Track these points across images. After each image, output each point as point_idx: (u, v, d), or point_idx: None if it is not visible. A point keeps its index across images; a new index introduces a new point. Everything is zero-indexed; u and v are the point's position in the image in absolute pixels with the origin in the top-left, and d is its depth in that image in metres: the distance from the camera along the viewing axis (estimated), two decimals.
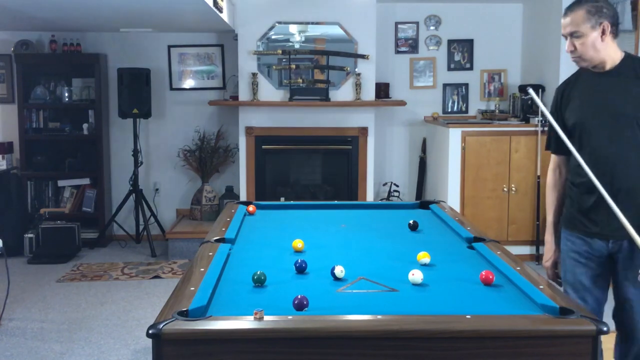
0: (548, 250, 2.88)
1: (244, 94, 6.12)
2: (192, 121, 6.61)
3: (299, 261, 2.55)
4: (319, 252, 2.85)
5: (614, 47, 2.53)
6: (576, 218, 2.69)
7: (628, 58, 2.55)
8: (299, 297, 2.07)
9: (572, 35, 2.55)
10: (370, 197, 6.25)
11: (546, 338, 1.89)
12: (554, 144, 2.79)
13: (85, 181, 6.48)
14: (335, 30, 6.14)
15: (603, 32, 2.48)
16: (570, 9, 2.55)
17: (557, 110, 2.71)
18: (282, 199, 6.04)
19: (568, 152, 2.53)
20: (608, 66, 2.54)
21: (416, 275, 2.37)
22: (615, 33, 2.51)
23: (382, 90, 6.34)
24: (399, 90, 6.53)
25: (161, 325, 1.87)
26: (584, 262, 2.68)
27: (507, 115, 6.28)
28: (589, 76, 2.62)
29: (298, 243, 2.87)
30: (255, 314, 1.93)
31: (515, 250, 5.30)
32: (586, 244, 2.66)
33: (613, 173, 2.52)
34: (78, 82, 6.47)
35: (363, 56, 6.06)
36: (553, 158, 2.83)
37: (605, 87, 2.55)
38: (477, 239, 2.96)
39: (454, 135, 5.74)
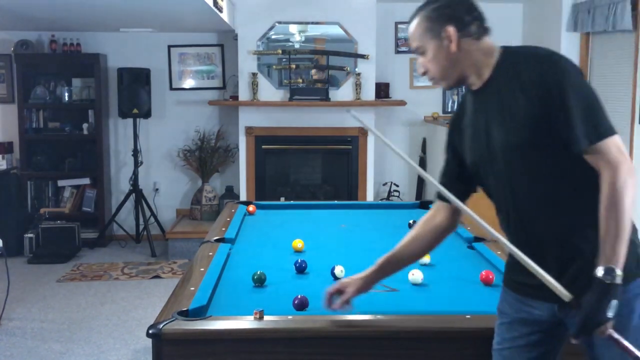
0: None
1: (243, 94, 6.12)
2: (192, 121, 6.61)
3: (299, 261, 2.55)
4: (319, 252, 2.85)
5: (479, 51, 1.79)
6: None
7: (505, 56, 1.79)
8: (300, 297, 2.07)
9: (417, 51, 1.86)
10: (370, 197, 6.25)
11: None
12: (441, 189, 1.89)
13: (85, 181, 6.47)
14: (335, 30, 6.14)
15: (450, 40, 1.76)
16: (411, 18, 1.88)
17: (451, 148, 1.97)
18: (282, 198, 6.04)
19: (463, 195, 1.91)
20: (480, 79, 1.80)
21: (416, 275, 2.37)
22: (476, 32, 1.78)
23: (382, 90, 6.34)
24: (399, 90, 6.53)
25: (161, 325, 1.87)
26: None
27: None
28: (469, 97, 1.88)
29: (298, 243, 2.87)
30: (255, 314, 1.93)
31: None
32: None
33: (523, 226, 1.79)
34: (78, 82, 6.47)
35: (363, 56, 6.06)
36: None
37: (483, 109, 1.81)
38: (477, 239, 2.96)
39: None
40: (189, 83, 6.63)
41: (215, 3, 4.73)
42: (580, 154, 1.65)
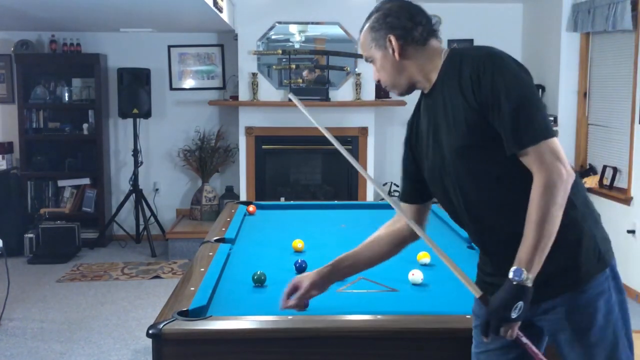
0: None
1: (243, 94, 6.12)
2: (192, 121, 6.61)
3: (299, 261, 2.55)
4: (319, 252, 2.85)
5: (425, 56, 1.80)
6: None
7: (450, 57, 1.78)
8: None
9: (367, 61, 1.90)
10: (370, 197, 6.25)
11: None
12: (401, 191, 2.08)
13: (85, 181, 6.48)
14: (335, 30, 6.14)
15: (393, 49, 1.78)
16: (360, 29, 1.88)
17: (410, 153, 2.00)
18: (282, 199, 6.04)
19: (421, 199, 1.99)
20: (429, 82, 1.81)
21: (416, 275, 2.37)
22: (420, 38, 1.79)
23: (382, 90, 6.34)
24: None
25: (161, 325, 1.87)
26: None
27: None
28: (421, 101, 1.92)
29: (298, 243, 2.87)
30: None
31: None
32: None
33: (477, 229, 1.80)
34: (78, 82, 6.47)
35: (363, 56, 6.05)
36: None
37: (431, 112, 1.82)
38: None
39: None
40: (189, 83, 6.63)
41: (215, 3, 4.74)
42: (514, 156, 1.62)
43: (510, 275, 1.58)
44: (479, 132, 1.65)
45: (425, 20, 1.82)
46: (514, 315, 1.57)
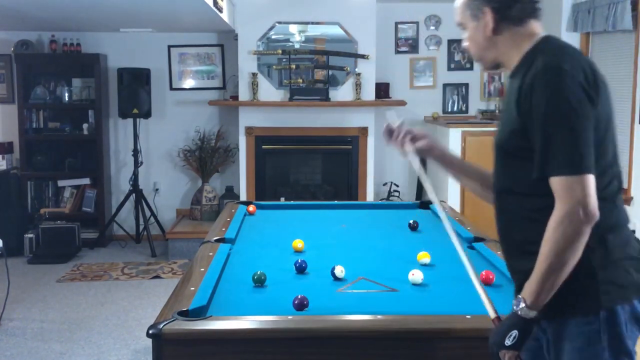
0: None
1: (244, 94, 6.12)
2: (192, 121, 6.61)
3: (299, 261, 2.55)
4: (319, 252, 2.85)
5: (518, 36, 1.69)
6: None
7: (536, 47, 1.67)
8: (299, 297, 2.07)
9: (459, 27, 1.80)
10: (370, 197, 6.25)
11: None
12: None
13: (85, 181, 6.47)
14: (335, 30, 6.14)
15: (487, 23, 1.69)
16: None
17: None
18: (282, 199, 6.04)
19: None
20: (510, 68, 1.73)
21: (416, 275, 2.37)
22: (518, 16, 1.68)
23: (382, 90, 6.34)
24: (399, 90, 6.53)
25: (161, 325, 1.87)
26: None
27: None
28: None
29: (298, 243, 2.87)
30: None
31: None
32: None
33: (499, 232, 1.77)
34: (78, 82, 6.47)
35: (363, 56, 6.06)
36: None
37: (505, 97, 1.79)
38: (478, 239, 2.97)
39: (454, 135, 5.73)
40: (189, 83, 6.63)
41: (215, 3, 4.74)
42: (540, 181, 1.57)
43: (513, 302, 1.60)
44: (516, 141, 1.62)
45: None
46: (507, 343, 1.57)
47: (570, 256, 1.53)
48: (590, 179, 1.52)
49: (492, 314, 1.68)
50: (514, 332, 1.56)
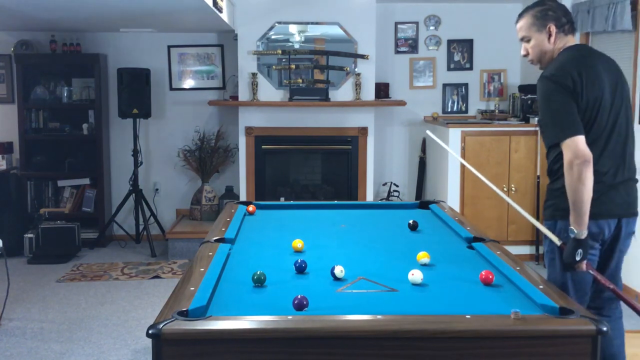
0: None
1: (243, 94, 6.12)
2: (192, 121, 6.61)
3: (299, 261, 2.55)
4: (319, 252, 2.85)
5: (561, 45, 2.64)
6: None
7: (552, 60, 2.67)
8: (299, 297, 2.07)
9: (523, 39, 2.71)
10: (370, 197, 6.25)
11: (546, 338, 1.90)
12: None
13: (85, 181, 6.48)
14: (335, 30, 6.14)
15: (550, 35, 2.62)
16: (520, 15, 2.71)
17: None
18: (282, 199, 6.04)
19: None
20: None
21: (416, 275, 2.37)
22: (567, 30, 2.64)
23: (382, 90, 6.34)
24: (398, 90, 6.53)
25: (161, 325, 1.87)
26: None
27: (507, 115, 6.28)
28: None
29: (298, 243, 2.87)
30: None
31: (515, 250, 5.30)
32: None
33: None
34: (78, 82, 6.47)
35: (363, 56, 6.06)
36: None
37: None
38: (477, 239, 2.96)
39: (454, 135, 5.74)
40: (188, 83, 6.63)
41: (215, 3, 4.74)
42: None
43: (570, 231, 2.46)
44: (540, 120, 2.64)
45: (572, 20, 2.67)
46: (577, 258, 2.45)
47: (582, 188, 2.41)
48: (575, 139, 2.43)
49: (557, 242, 2.54)
50: (579, 250, 2.44)
